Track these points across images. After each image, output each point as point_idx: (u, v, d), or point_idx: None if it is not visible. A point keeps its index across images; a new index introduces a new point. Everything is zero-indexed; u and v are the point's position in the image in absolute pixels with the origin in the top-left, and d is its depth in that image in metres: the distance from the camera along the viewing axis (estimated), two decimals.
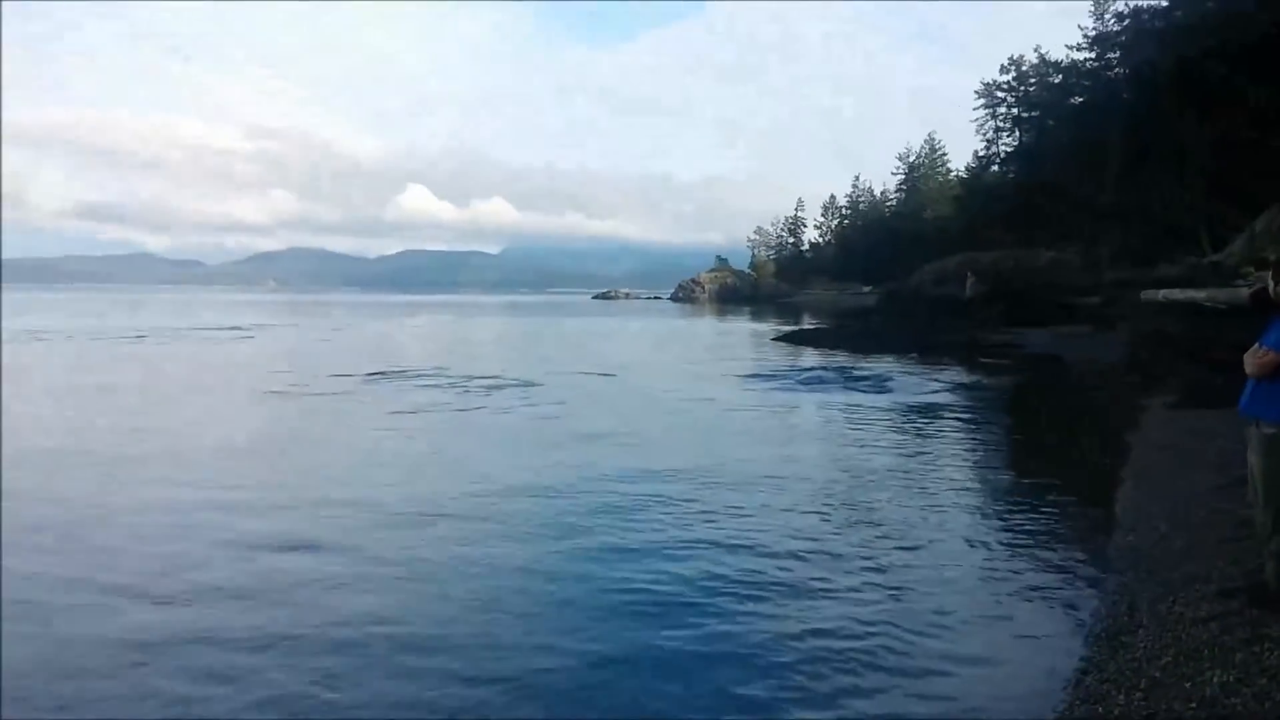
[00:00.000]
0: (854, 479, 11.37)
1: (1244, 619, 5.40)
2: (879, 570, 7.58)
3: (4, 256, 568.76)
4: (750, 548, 8.25)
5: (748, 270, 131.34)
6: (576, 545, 8.42)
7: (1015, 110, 74.78)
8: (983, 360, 28.18)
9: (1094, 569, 7.44)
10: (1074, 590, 7.03)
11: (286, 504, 10.08)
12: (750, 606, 6.80)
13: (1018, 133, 74.95)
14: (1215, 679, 4.72)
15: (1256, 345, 5.61)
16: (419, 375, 24.24)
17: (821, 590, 7.13)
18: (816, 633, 6.26)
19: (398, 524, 9.19)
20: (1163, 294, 29.24)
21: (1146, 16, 53.19)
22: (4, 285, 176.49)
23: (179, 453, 13.32)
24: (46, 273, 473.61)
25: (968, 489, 10.85)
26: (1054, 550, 8.10)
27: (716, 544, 8.35)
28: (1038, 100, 69.99)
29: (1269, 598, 5.51)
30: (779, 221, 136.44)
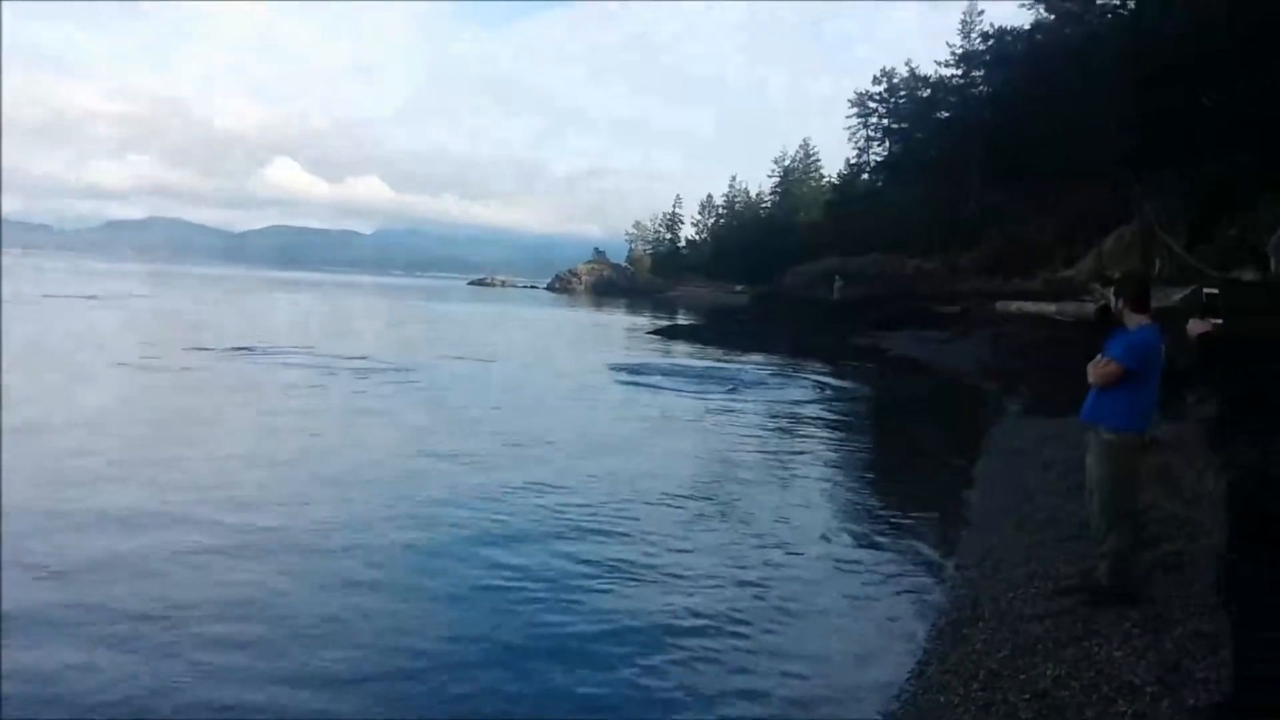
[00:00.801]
0: (715, 473, 11.54)
1: (1077, 615, 5.69)
2: (731, 563, 7.65)
3: None
4: (606, 534, 8.27)
5: (625, 264, 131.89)
6: (436, 531, 8.23)
7: (885, 121, 77.46)
8: (848, 362, 29.02)
9: (942, 566, 7.73)
10: (921, 585, 7.29)
11: (121, 477, 9.51)
12: (596, 597, 6.77)
13: (888, 143, 77.67)
14: (1049, 672, 4.96)
15: (1099, 356, 5.94)
16: (283, 352, 23.38)
17: (670, 580, 7.16)
18: (661, 626, 6.25)
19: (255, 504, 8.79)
20: (1016, 305, 30.81)
21: (1010, 39, 56.11)
22: None
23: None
24: None
25: (824, 487, 11.12)
26: (904, 547, 8.37)
27: (569, 531, 8.32)
28: (907, 112, 72.65)
29: (1101, 596, 5.82)
30: (657, 217, 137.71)
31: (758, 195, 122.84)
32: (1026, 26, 54.57)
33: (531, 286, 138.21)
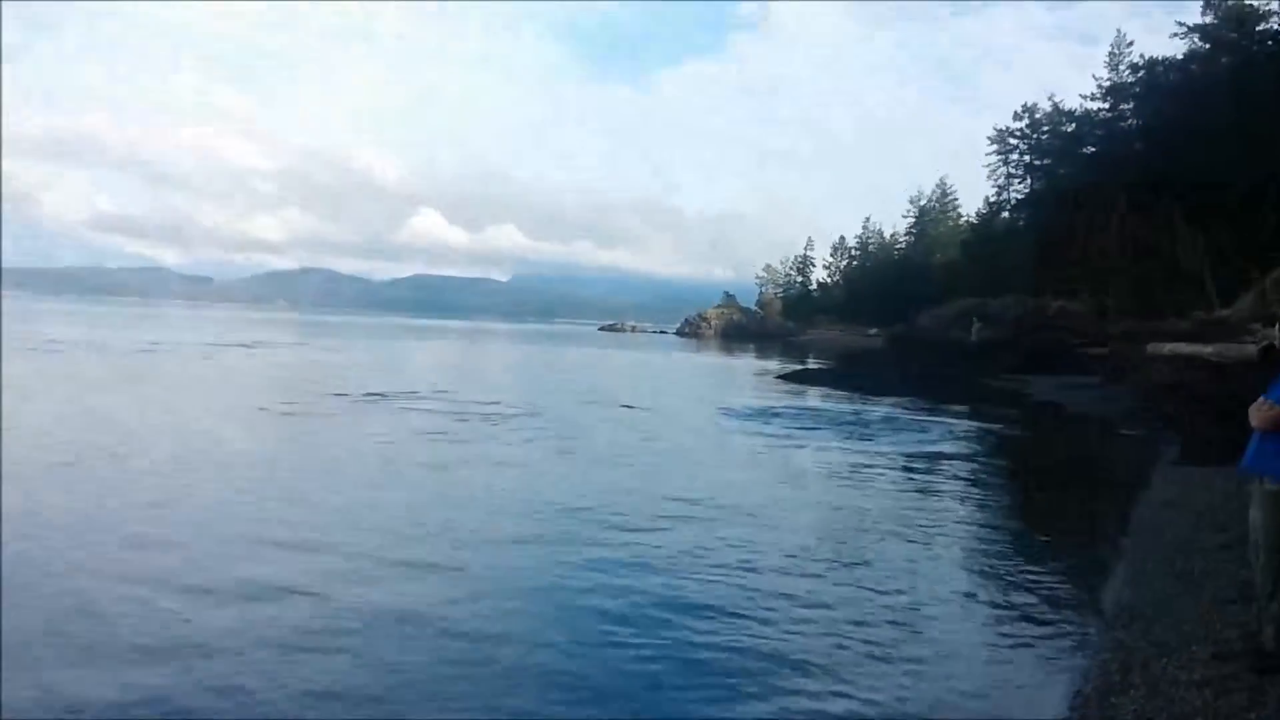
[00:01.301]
0: (848, 522, 11.20)
1: (1241, 684, 5.20)
2: (860, 623, 7.32)
3: (20, 265, 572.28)
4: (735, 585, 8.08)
5: (754, 308, 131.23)
6: (582, 564, 8.25)
7: (1027, 157, 74.97)
8: (987, 408, 27.94)
9: (1088, 625, 7.22)
10: (1066, 647, 6.81)
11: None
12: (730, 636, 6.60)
13: (1029, 179, 75.09)
14: None
15: (1262, 399, 5.47)
16: (419, 397, 24.25)
17: (807, 629, 6.93)
18: (796, 665, 6.06)
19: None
20: (1169, 348, 29.06)
21: (1161, 69, 53.60)
22: (18, 294, 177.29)
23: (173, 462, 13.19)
24: (63, 283, 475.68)
25: (963, 539, 10.62)
26: (1048, 605, 7.87)
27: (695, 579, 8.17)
28: (1050, 148, 70.16)
29: (1267, 662, 5.31)
30: (788, 260, 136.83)
31: (892, 236, 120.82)
32: (1179, 56, 52.21)
33: (661, 331, 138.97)
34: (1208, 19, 49.97)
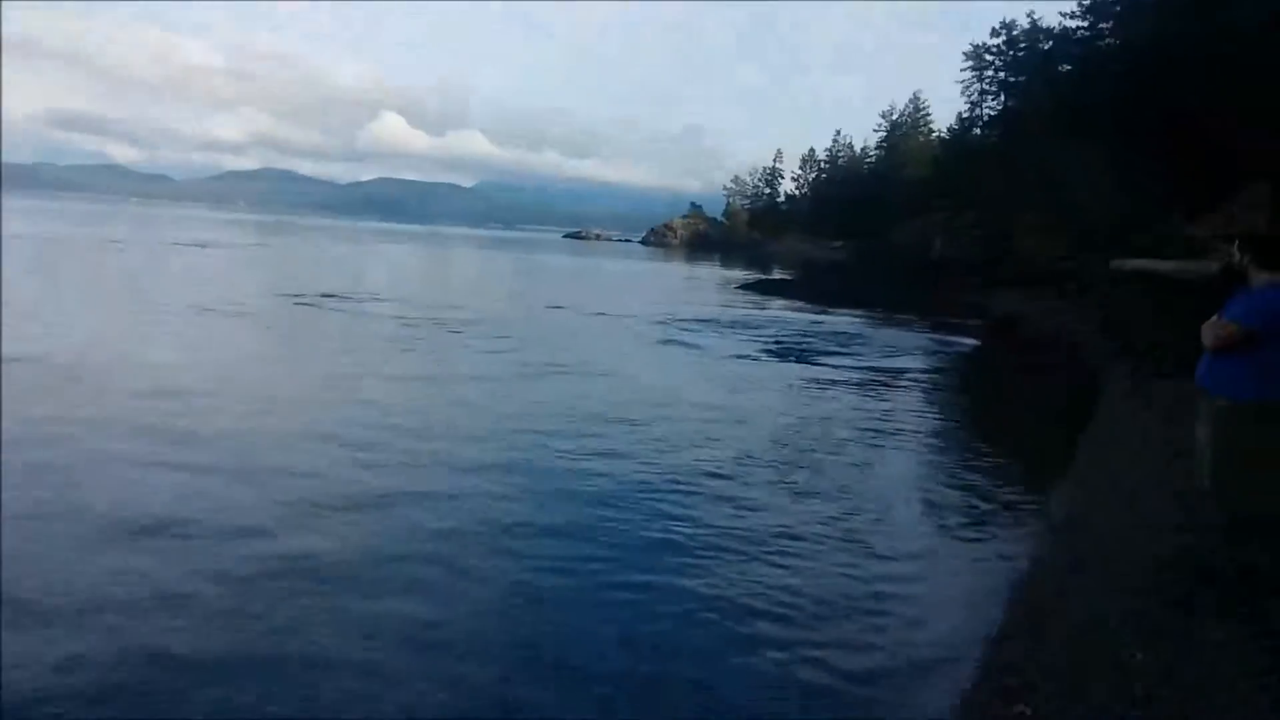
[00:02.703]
0: (807, 434, 11.08)
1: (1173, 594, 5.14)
2: (818, 520, 7.29)
3: None
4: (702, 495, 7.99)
5: (721, 219, 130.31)
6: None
7: (1002, 74, 74.04)
8: (947, 319, 28.03)
9: (1032, 541, 7.20)
10: (1007, 552, 6.80)
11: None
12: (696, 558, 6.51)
13: (1003, 96, 74.29)
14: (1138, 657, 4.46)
15: (1215, 317, 5.32)
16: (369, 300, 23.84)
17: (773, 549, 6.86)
18: (756, 589, 5.98)
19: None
20: (1131, 264, 29.03)
21: None
22: None
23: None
24: (18, 179, 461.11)
25: (914, 451, 10.60)
26: (989, 515, 7.86)
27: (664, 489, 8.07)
28: (1026, 65, 69.25)
29: (1206, 574, 5.27)
30: (756, 172, 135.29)
31: (863, 150, 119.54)
32: None
33: (626, 240, 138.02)
34: None
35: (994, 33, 73.54)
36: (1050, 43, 65.16)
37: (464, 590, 5.63)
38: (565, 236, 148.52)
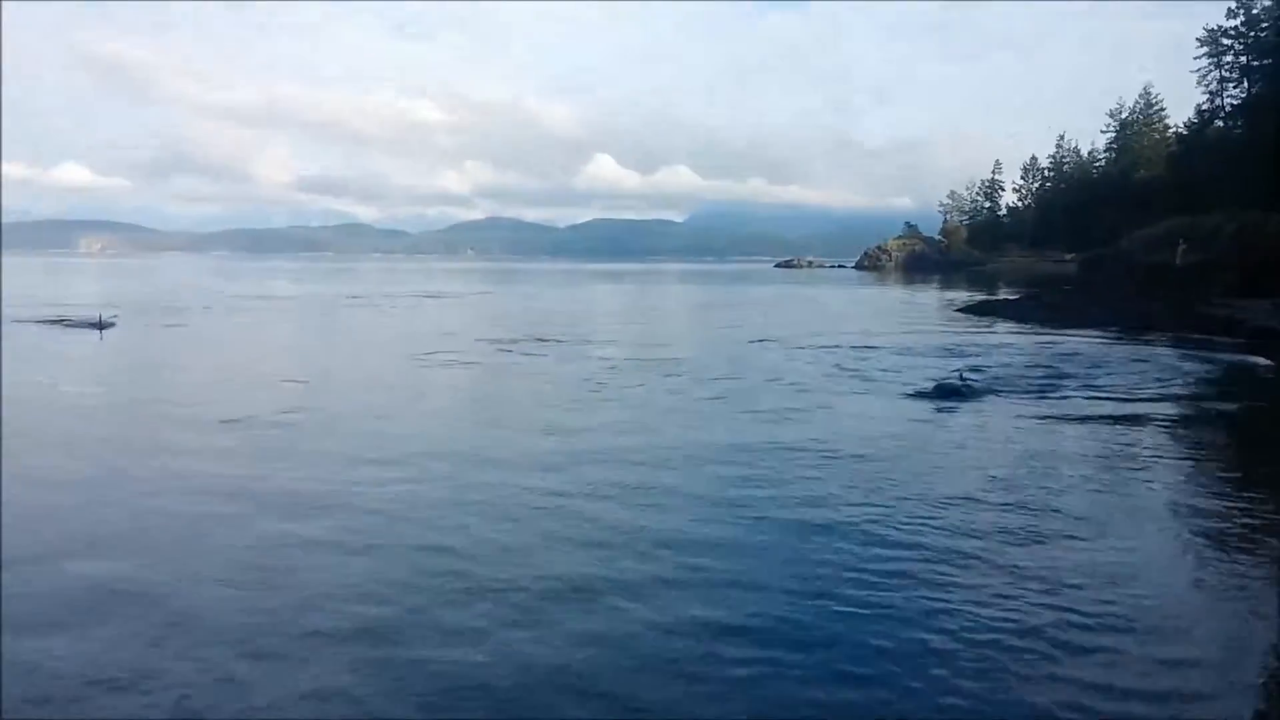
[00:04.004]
0: (1033, 471, 10.66)
1: None
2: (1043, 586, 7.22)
3: (235, 227, 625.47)
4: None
5: (938, 237, 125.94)
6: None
7: (1244, 58, 67.90)
8: (1193, 336, 26.00)
9: None
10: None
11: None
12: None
13: (1246, 83, 68.05)
14: None
15: None
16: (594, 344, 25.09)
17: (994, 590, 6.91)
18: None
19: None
20: None
21: None
22: (240, 253, 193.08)
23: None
24: (273, 241, 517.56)
25: (1158, 497, 9.96)
26: (1252, 597, 7.08)
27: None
28: (1270, 46, 63.19)
29: None
30: (974, 185, 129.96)
31: (1090, 153, 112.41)
32: None
33: (839, 265, 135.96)
34: None
35: (1230, 13, 67.76)
36: None
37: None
38: (777, 266, 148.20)
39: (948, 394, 15.72)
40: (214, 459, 11.12)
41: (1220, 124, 72.35)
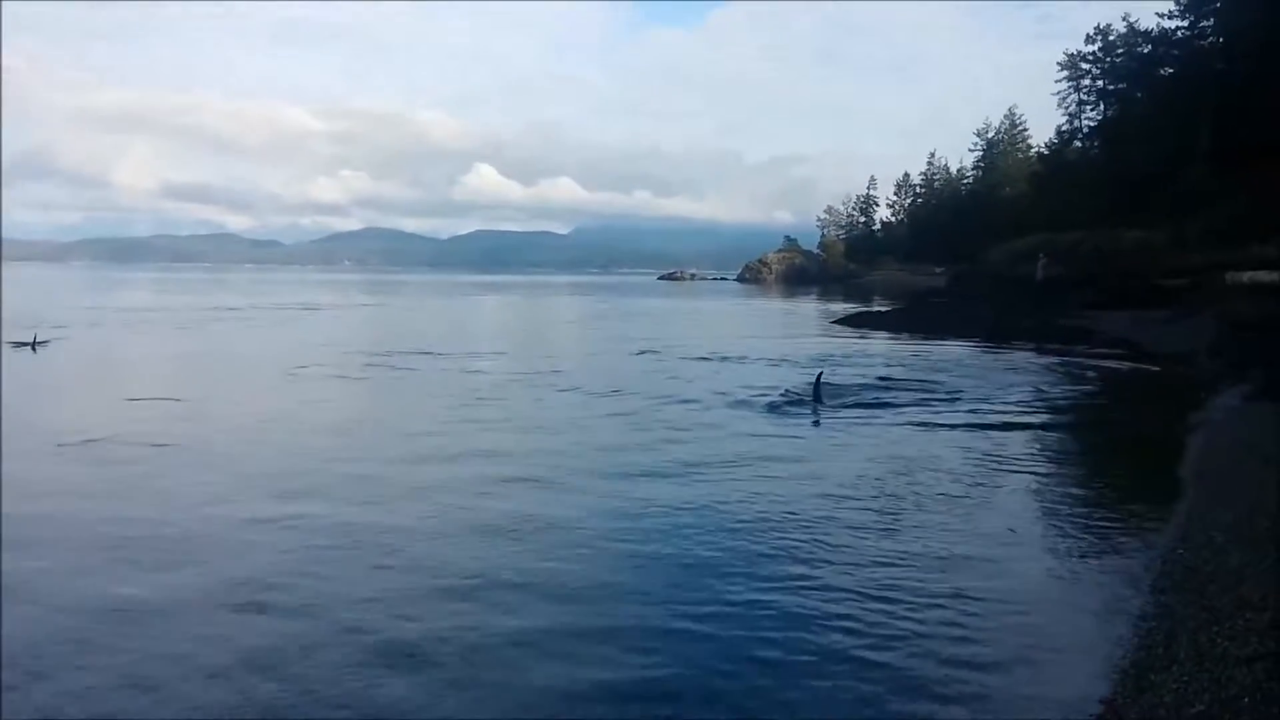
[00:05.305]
0: (903, 469, 10.65)
1: None
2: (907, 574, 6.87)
3: (95, 236, 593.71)
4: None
5: (816, 250, 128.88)
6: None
7: (1100, 82, 71.55)
8: (1052, 345, 26.84)
9: (1133, 588, 6.62)
10: (1107, 610, 6.25)
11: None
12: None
13: (1102, 106, 71.75)
14: None
15: None
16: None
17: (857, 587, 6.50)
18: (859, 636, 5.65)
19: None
20: (1248, 276, 27.43)
21: None
22: (92, 264, 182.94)
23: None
24: (137, 251, 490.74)
25: (1016, 484, 10.07)
26: (1094, 561, 7.30)
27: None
28: (1125, 72, 66.77)
29: None
30: (850, 200, 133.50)
31: (959, 171, 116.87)
32: None
33: (721, 278, 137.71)
34: None
35: (1088, 39, 71.30)
36: (1149, 46, 62.66)
37: None
38: (660, 278, 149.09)
39: (803, 402, 15.75)
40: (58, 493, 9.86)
41: (1079, 144, 76.05)
